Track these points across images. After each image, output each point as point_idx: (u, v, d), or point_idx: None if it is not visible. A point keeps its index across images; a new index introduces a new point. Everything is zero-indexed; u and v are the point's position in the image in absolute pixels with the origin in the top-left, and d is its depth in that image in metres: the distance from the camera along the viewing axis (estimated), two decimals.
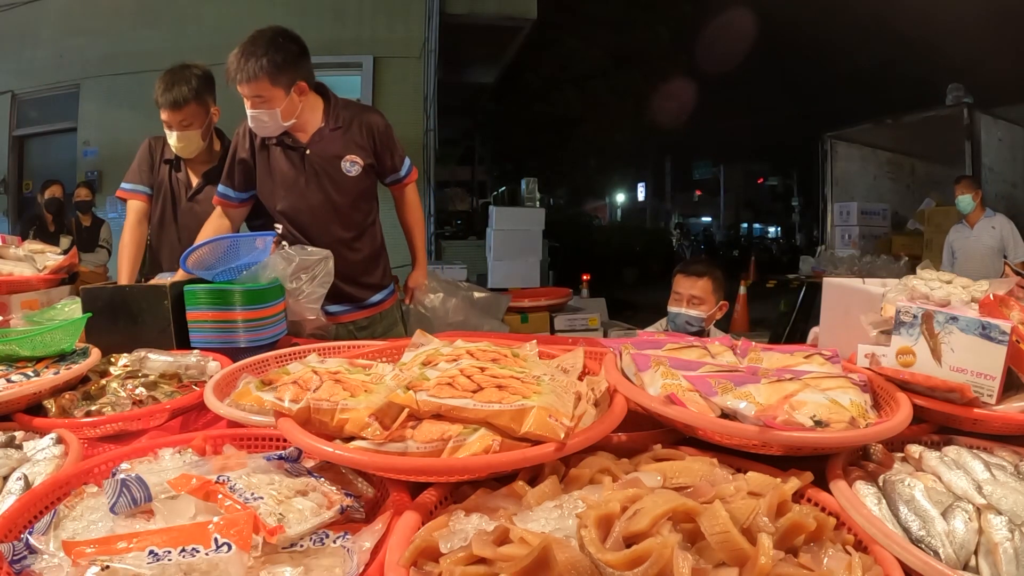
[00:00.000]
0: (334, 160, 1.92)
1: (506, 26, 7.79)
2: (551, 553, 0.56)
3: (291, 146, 1.91)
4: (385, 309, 2.14)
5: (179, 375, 1.27)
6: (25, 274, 1.77)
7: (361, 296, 2.06)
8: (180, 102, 2.02)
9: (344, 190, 1.95)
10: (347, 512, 0.73)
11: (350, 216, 1.99)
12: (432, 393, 0.80)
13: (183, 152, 2.14)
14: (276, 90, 1.77)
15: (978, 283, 1.21)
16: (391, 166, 2.05)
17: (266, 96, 1.77)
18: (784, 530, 0.63)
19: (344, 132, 1.94)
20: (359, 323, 2.08)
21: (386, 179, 2.09)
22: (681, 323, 2.17)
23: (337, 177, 1.94)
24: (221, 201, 1.99)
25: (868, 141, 7.85)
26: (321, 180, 1.93)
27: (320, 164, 1.92)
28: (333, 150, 1.92)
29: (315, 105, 1.92)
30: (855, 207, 7.40)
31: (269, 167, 1.94)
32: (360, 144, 1.95)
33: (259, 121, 1.82)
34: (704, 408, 0.88)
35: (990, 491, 0.74)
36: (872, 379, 1.02)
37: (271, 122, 1.82)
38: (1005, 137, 6.50)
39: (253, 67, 1.73)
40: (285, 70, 1.77)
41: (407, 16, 7.17)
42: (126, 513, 0.69)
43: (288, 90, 1.80)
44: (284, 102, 1.80)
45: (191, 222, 2.15)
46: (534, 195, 7.44)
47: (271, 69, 1.74)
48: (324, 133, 1.92)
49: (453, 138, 12.73)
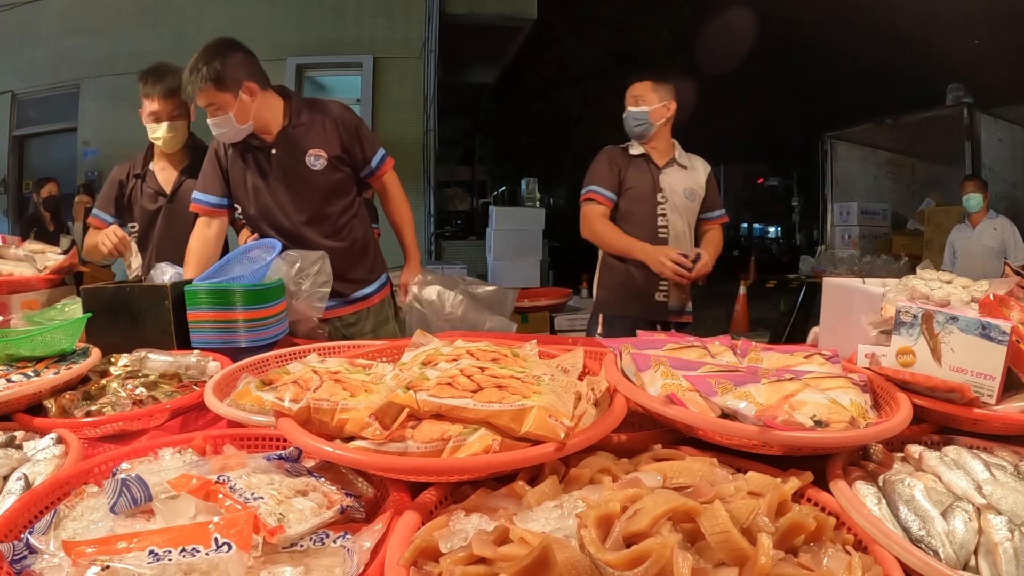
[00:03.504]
0: (299, 156, 1.94)
1: (506, 26, 7.79)
2: (551, 553, 0.56)
3: (258, 147, 1.94)
4: (373, 304, 2.13)
5: (179, 375, 1.27)
6: (25, 274, 1.77)
7: (345, 291, 2.04)
8: (174, 90, 2.07)
9: (312, 185, 1.96)
10: (347, 512, 0.73)
11: (322, 211, 1.99)
12: (432, 393, 0.80)
13: (169, 145, 2.17)
14: (224, 95, 1.81)
15: (978, 283, 1.21)
16: (361, 158, 2.03)
17: (217, 103, 1.82)
18: (784, 530, 0.63)
19: (308, 128, 1.95)
20: (346, 319, 2.07)
21: (361, 172, 2.07)
22: (630, 126, 2.36)
23: (304, 173, 1.95)
24: (200, 208, 2.00)
25: (868, 141, 7.85)
26: (288, 177, 1.95)
27: (286, 162, 1.94)
28: (297, 146, 1.94)
29: (275, 106, 1.94)
30: (855, 207, 7.40)
31: (242, 172, 1.97)
32: (325, 138, 1.96)
33: (219, 128, 1.86)
34: (704, 408, 0.88)
35: (990, 491, 0.74)
36: (872, 379, 1.02)
37: (228, 127, 1.85)
38: (1005, 137, 6.50)
39: (197, 78, 1.79)
40: (228, 74, 1.81)
41: (407, 16, 7.17)
42: (126, 513, 0.69)
43: (236, 93, 1.83)
44: (235, 105, 1.83)
45: (175, 220, 2.19)
46: (534, 195, 7.44)
47: (213, 75, 1.79)
48: (288, 131, 1.94)
49: (453, 138, 12.71)
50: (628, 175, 2.37)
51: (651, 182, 2.35)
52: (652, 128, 2.33)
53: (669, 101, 2.35)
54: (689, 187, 2.39)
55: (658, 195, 2.35)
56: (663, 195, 2.35)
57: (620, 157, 2.39)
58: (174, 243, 2.12)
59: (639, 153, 2.38)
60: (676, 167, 2.40)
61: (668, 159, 2.39)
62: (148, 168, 2.27)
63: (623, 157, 2.39)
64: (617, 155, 2.40)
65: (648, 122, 2.32)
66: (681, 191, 2.37)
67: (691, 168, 2.42)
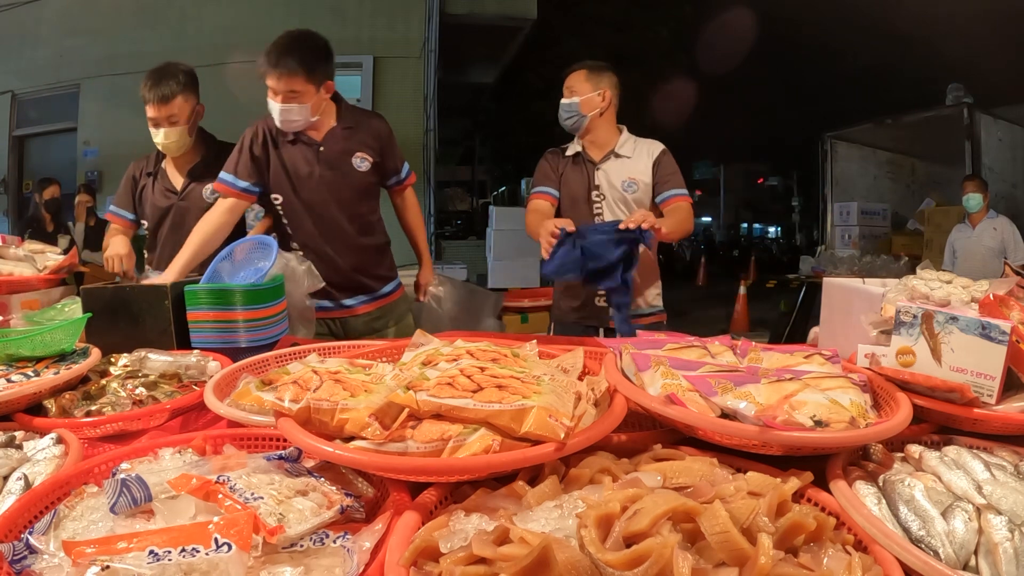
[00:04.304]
0: (345, 156, 2.04)
1: (506, 26, 7.79)
2: (551, 553, 0.56)
3: (306, 142, 2.02)
4: (394, 300, 2.25)
5: (179, 375, 1.27)
6: (25, 274, 1.77)
7: (375, 287, 2.17)
8: (168, 96, 2.07)
9: (353, 184, 2.07)
10: (347, 512, 0.73)
11: (358, 209, 2.10)
12: (432, 393, 0.80)
13: (169, 149, 2.17)
14: (309, 87, 1.89)
15: (978, 283, 1.21)
16: (393, 168, 2.18)
17: (299, 91, 1.88)
18: (784, 530, 0.63)
19: (354, 132, 2.07)
20: (373, 314, 2.18)
21: (389, 180, 2.21)
22: (562, 118, 2.21)
23: (348, 171, 2.05)
24: (224, 188, 2.02)
25: (868, 141, 7.85)
26: (335, 174, 2.04)
27: (333, 159, 2.03)
28: (345, 147, 2.05)
29: (331, 107, 2.05)
30: (855, 207, 7.40)
31: (283, 163, 2.04)
32: (368, 144, 2.08)
33: (288, 116, 1.91)
34: (704, 408, 0.88)
35: (990, 491, 0.74)
36: (872, 379, 1.02)
37: (301, 117, 1.93)
38: (1005, 137, 6.50)
39: (291, 63, 1.85)
40: (318, 68, 1.90)
41: (407, 16, 7.17)
42: (126, 513, 0.69)
43: (319, 87, 1.92)
44: (314, 98, 1.92)
45: (184, 221, 2.18)
46: None
47: (307, 66, 1.87)
48: (336, 132, 2.04)
49: (453, 138, 12.71)
50: (565, 175, 2.25)
51: (585, 181, 2.22)
52: (584, 120, 2.17)
53: (605, 89, 2.18)
54: (628, 178, 2.19)
55: (593, 193, 2.20)
56: (599, 192, 2.20)
57: (557, 158, 2.30)
58: (183, 242, 2.12)
59: (574, 153, 2.26)
60: (614, 159, 2.21)
61: (606, 152, 2.22)
62: (160, 167, 2.27)
63: (560, 159, 2.29)
64: (554, 156, 2.31)
65: (579, 113, 2.17)
66: (619, 184, 2.19)
67: (634, 156, 2.21)
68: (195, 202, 2.17)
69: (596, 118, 2.19)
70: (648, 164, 2.20)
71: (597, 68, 2.21)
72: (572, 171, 2.25)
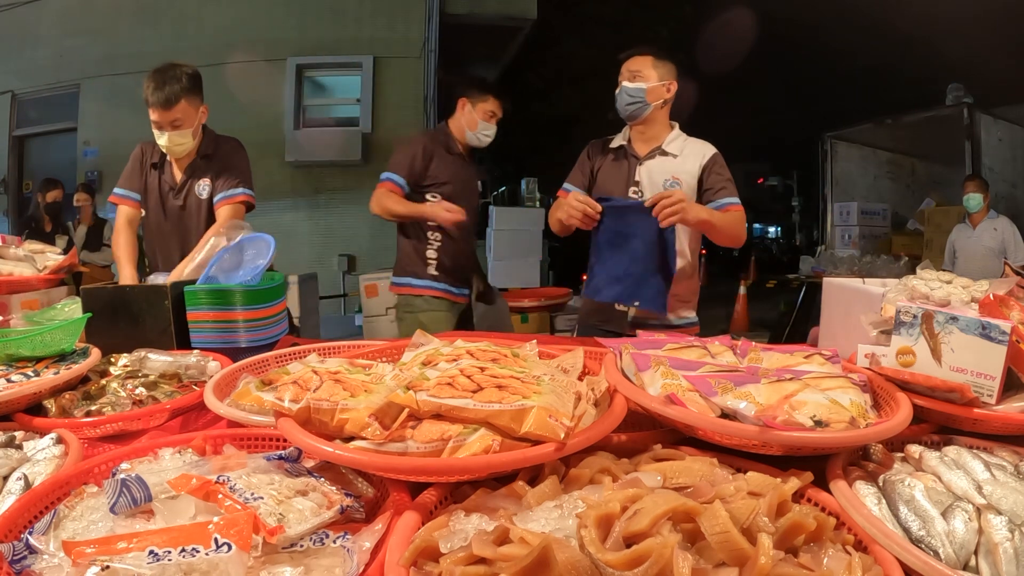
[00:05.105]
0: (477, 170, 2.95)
1: (506, 26, 7.78)
2: (551, 553, 0.56)
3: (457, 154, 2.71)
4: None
5: (179, 375, 1.27)
6: (25, 274, 1.77)
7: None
8: (172, 100, 2.00)
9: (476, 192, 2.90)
10: (347, 512, 0.73)
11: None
12: (432, 393, 0.80)
13: (174, 152, 2.12)
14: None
15: (978, 283, 1.21)
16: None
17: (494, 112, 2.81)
18: (784, 530, 0.63)
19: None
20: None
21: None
22: (622, 103, 2.03)
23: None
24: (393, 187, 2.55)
25: (868, 141, 7.85)
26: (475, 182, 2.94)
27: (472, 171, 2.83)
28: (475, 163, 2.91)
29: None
30: (855, 207, 7.40)
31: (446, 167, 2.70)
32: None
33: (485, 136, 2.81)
34: (704, 408, 0.88)
35: (990, 491, 0.74)
36: (872, 379, 1.02)
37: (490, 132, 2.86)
38: (1005, 137, 6.50)
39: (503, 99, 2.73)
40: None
41: (407, 16, 7.17)
42: (126, 513, 0.69)
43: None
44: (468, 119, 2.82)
45: (181, 220, 2.17)
46: (534, 195, 7.44)
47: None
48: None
49: None
50: (602, 170, 2.13)
51: (625, 175, 2.08)
52: (647, 109, 2.01)
53: (670, 81, 2.03)
54: (672, 176, 2.05)
55: (630, 189, 2.06)
56: (638, 188, 2.06)
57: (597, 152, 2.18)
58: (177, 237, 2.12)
59: (617, 146, 2.14)
60: (660, 156, 2.08)
61: (652, 148, 2.08)
62: (166, 159, 2.21)
63: (600, 152, 2.17)
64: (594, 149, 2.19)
65: (643, 101, 2.00)
66: (661, 182, 2.04)
67: (682, 156, 2.07)
68: (191, 202, 2.14)
69: (658, 109, 2.04)
70: (696, 166, 2.05)
71: (664, 55, 2.04)
72: (612, 165, 2.12)
